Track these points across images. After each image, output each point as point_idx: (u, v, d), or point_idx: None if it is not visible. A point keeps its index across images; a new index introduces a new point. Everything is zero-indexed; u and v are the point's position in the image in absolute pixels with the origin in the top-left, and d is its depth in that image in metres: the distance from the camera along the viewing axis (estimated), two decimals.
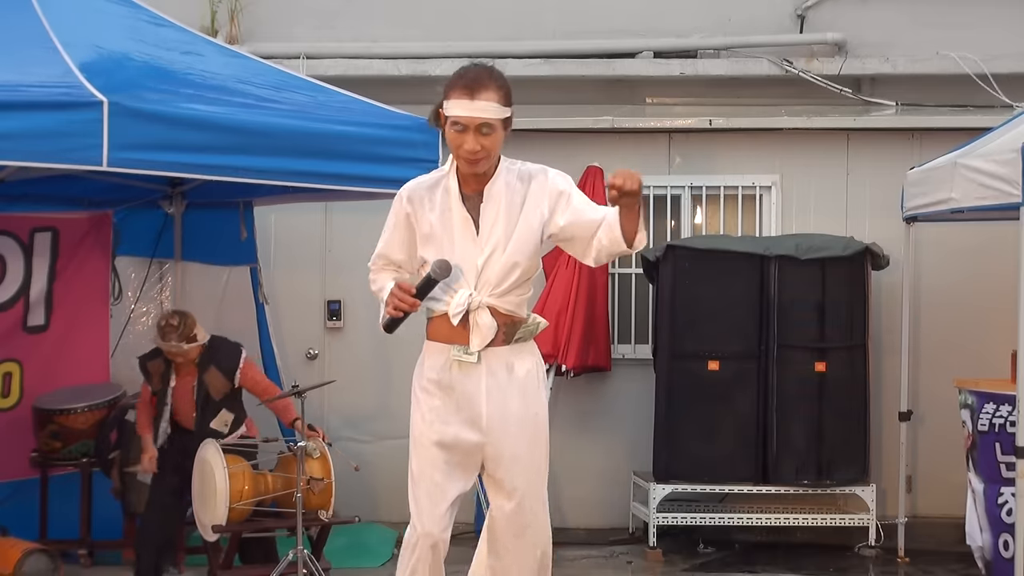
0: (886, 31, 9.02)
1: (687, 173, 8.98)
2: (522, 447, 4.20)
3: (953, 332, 8.73)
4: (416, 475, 4.22)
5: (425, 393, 4.22)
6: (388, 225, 4.32)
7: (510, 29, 9.00)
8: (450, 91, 4.08)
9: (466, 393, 4.15)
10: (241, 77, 6.23)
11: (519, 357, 4.20)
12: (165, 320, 6.80)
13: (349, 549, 7.68)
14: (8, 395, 7.67)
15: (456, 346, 4.14)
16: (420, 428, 4.22)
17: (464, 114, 4.03)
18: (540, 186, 4.18)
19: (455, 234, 4.15)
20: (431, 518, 4.18)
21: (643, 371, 8.59)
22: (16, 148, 5.22)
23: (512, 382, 4.17)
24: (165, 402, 6.82)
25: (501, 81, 4.10)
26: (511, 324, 4.16)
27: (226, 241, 8.11)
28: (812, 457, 7.99)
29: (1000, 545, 6.83)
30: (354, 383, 8.67)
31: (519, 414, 4.18)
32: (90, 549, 7.51)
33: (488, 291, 4.12)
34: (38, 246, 7.74)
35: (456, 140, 4.07)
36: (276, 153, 5.85)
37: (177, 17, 6.76)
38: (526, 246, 4.15)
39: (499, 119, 4.05)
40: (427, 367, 4.23)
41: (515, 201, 4.16)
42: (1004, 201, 6.55)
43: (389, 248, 4.32)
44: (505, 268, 4.13)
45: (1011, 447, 6.67)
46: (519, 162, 4.24)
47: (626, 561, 8.04)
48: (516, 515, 4.25)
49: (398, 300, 4.07)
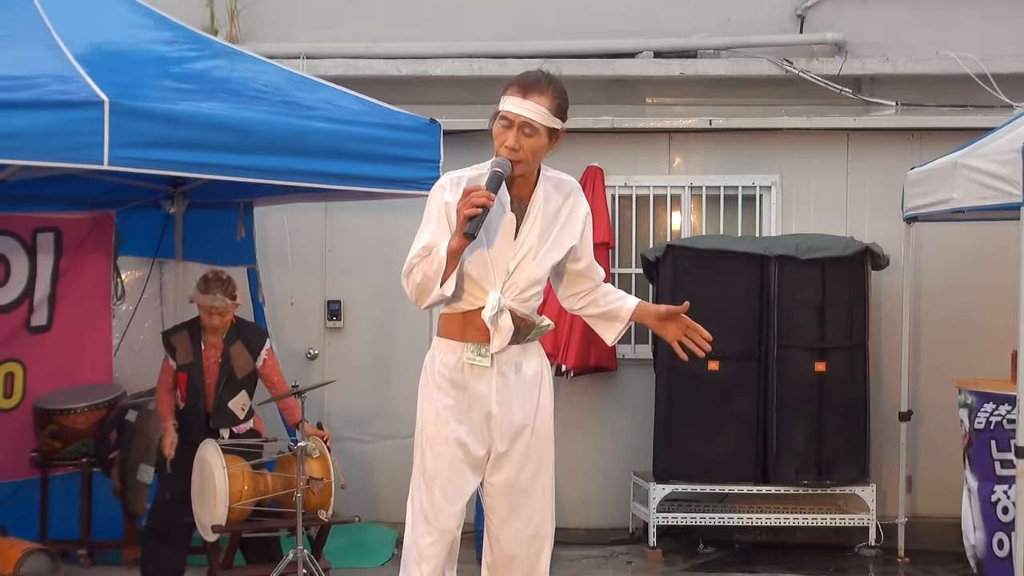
0: (886, 31, 9.03)
1: (687, 173, 8.99)
2: (525, 457, 4.21)
3: (953, 332, 8.74)
4: (431, 473, 4.17)
5: (439, 391, 4.18)
6: (430, 217, 4.14)
7: (510, 29, 9.00)
8: (507, 88, 4.12)
9: (478, 393, 4.15)
10: (243, 76, 6.22)
11: (526, 357, 4.21)
12: (213, 274, 6.77)
13: (349, 549, 7.68)
14: (11, 395, 7.67)
15: (470, 345, 4.14)
16: (436, 426, 4.18)
17: (511, 109, 4.05)
18: (576, 205, 4.25)
19: (494, 232, 4.11)
20: (450, 516, 4.16)
21: (643, 371, 8.60)
22: (17, 147, 5.21)
23: (520, 382, 4.18)
24: (200, 371, 6.75)
25: (558, 92, 4.14)
26: (525, 326, 4.19)
27: (227, 241, 8.10)
28: (812, 457, 8.00)
29: (994, 544, 6.84)
30: (354, 383, 8.67)
31: (523, 421, 4.18)
32: (90, 549, 7.51)
33: (513, 295, 4.14)
34: (41, 246, 7.75)
35: (500, 135, 4.08)
36: (277, 152, 5.84)
37: (177, 17, 6.75)
38: (553, 260, 4.20)
39: (544, 124, 4.07)
40: (439, 364, 4.19)
41: (551, 212, 4.19)
42: (1004, 201, 6.56)
43: (437, 239, 4.07)
44: (533, 276, 4.16)
45: (1006, 444, 6.69)
46: (550, 170, 4.25)
47: (626, 561, 8.05)
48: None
49: (475, 196, 3.90)
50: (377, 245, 8.70)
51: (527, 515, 4.25)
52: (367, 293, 8.89)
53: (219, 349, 6.77)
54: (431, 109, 7.04)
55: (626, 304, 4.35)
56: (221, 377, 6.75)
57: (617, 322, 4.36)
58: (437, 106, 8.04)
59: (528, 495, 4.23)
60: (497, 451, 4.19)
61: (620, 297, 4.38)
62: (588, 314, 4.40)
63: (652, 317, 4.31)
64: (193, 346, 6.77)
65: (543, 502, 4.27)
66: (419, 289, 4.08)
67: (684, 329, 4.27)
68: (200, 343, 6.78)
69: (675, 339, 4.28)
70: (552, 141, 4.14)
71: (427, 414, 4.21)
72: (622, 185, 8.92)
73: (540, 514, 4.26)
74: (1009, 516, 6.72)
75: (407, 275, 4.11)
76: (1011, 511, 6.69)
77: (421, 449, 4.22)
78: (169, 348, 6.84)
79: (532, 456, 4.22)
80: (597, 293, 4.36)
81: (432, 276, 4.02)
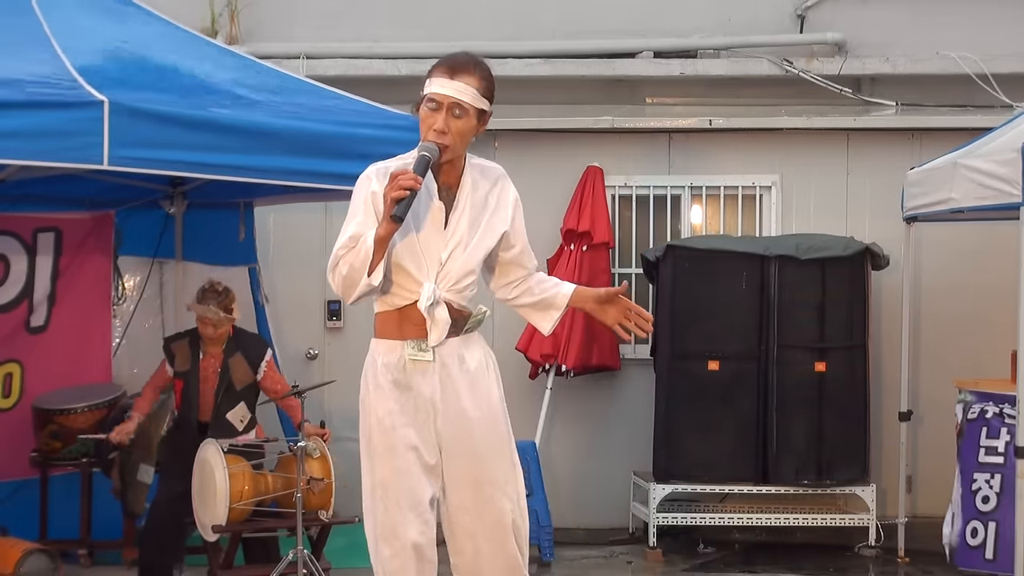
0: (886, 31, 9.03)
1: (687, 173, 8.98)
2: (481, 449, 4.05)
3: (953, 332, 8.74)
4: (383, 484, 3.99)
5: (381, 396, 4.05)
6: (356, 208, 4.02)
7: (510, 29, 9.00)
8: (433, 70, 4.00)
9: (423, 392, 4.00)
10: (241, 78, 6.24)
11: (468, 349, 4.07)
12: (210, 284, 6.77)
13: (349, 549, 7.67)
14: (8, 395, 7.68)
15: (409, 341, 4.01)
16: (381, 434, 4.03)
17: (439, 91, 3.92)
18: (504, 191, 4.13)
19: (423, 222, 3.99)
20: (409, 524, 3.96)
21: (643, 371, 8.59)
22: (17, 147, 5.22)
23: (463, 373, 4.04)
24: (196, 381, 6.74)
25: (485, 73, 3.99)
26: (462, 317, 4.05)
27: (227, 241, 8.11)
28: (812, 457, 8.00)
29: (967, 531, 6.87)
30: (354, 383, 8.48)
31: (473, 413, 4.04)
32: (90, 549, 7.51)
33: (448, 286, 4.00)
34: (41, 246, 7.75)
35: (428, 119, 3.95)
36: (276, 152, 5.85)
37: (177, 17, 6.76)
38: (486, 248, 4.08)
39: (473, 106, 3.94)
40: (380, 366, 4.06)
41: (480, 200, 4.08)
42: (1004, 201, 6.57)
43: (364, 228, 3.92)
44: (466, 267, 4.04)
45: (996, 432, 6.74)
46: (475, 156, 4.14)
47: (626, 561, 8.05)
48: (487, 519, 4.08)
49: (401, 179, 3.78)
50: None
51: (494, 507, 4.05)
52: None
53: (218, 359, 6.77)
54: None
55: (562, 290, 4.19)
56: (220, 387, 6.74)
57: (553, 310, 4.19)
58: None
59: (492, 487, 4.05)
60: (449, 449, 4.03)
61: (555, 284, 4.22)
62: (521, 303, 4.23)
63: (591, 301, 4.15)
64: (192, 354, 6.78)
65: (508, 492, 4.08)
66: (346, 281, 3.92)
67: (624, 312, 4.13)
68: (199, 352, 6.78)
69: (615, 322, 4.13)
70: (480, 124, 4.00)
71: (370, 421, 4.07)
72: (622, 185, 8.92)
73: (507, 504, 4.07)
74: (988, 505, 6.75)
75: (333, 269, 3.95)
76: (991, 500, 6.72)
77: (369, 460, 4.05)
78: (168, 354, 6.86)
79: (488, 448, 4.05)
80: (531, 281, 4.21)
81: (359, 267, 3.87)
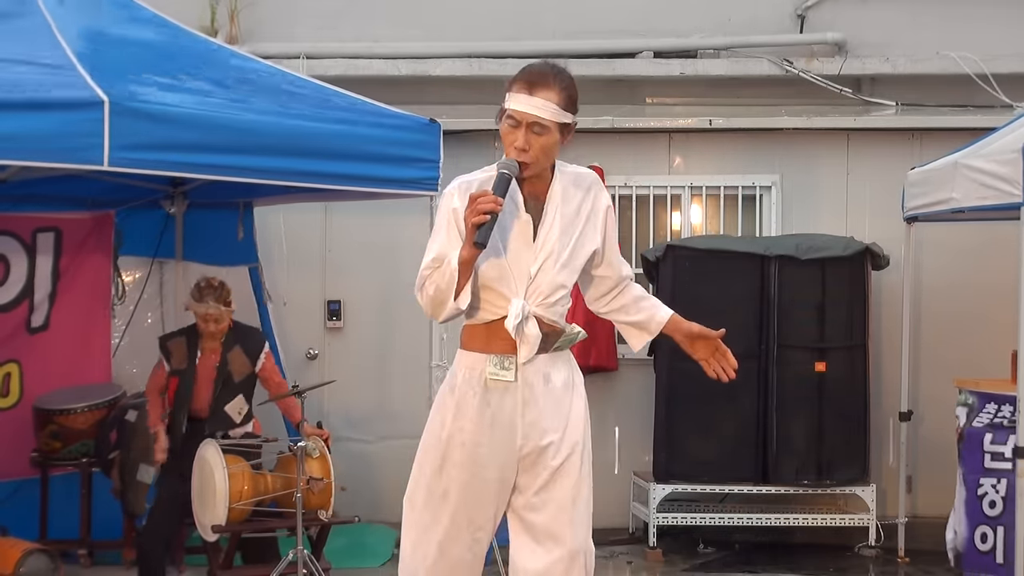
0: (886, 31, 9.03)
1: (687, 173, 8.99)
2: (556, 474, 3.88)
3: (953, 332, 8.74)
4: (444, 495, 3.88)
5: (458, 407, 3.88)
6: (439, 225, 3.88)
7: (510, 29, 9.00)
8: (512, 84, 3.86)
9: (503, 408, 3.86)
10: (242, 77, 6.23)
11: (555, 367, 3.93)
12: (205, 281, 6.78)
13: (349, 549, 7.68)
14: (7, 395, 7.67)
15: (492, 357, 3.87)
16: (450, 448, 3.89)
17: (518, 108, 3.78)
18: (597, 200, 3.99)
19: (510, 236, 3.85)
20: (463, 540, 3.88)
21: (642, 371, 8.59)
22: (17, 148, 5.22)
23: (548, 393, 3.91)
24: (192, 380, 6.76)
25: (566, 83, 3.84)
26: (552, 334, 3.92)
27: (227, 241, 8.10)
28: (812, 457, 8.00)
29: (976, 537, 6.86)
30: (354, 383, 8.67)
31: (553, 435, 3.89)
32: (90, 549, 7.50)
33: (538, 300, 3.86)
34: (41, 246, 7.75)
35: (508, 136, 3.82)
36: (277, 153, 5.85)
37: (177, 17, 6.76)
38: (578, 261, 3.94)
39: (554, 121, 3.79)
40: (461, 379, 3.90)
41: (572, 211, 3.92)
42: (1005, 201, 6.56)
43: (447, 248, 3.80)
44: (557, 280, 3.89)
45: (1003, 438, 6.71)
46: (567, 164, 4.02)
47: (626, 561, 8.04)
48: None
49: (481, 203, 3.66)
50: (377, 245, 8.70)
51: (559, 532, 3.88)
52: (367, 293, 8.88)
53: (217, 354, 6.78)
54: (431, 109, 7.04)
55: (656, 317, 4.08)
56: (218, 381, 6.75)
57: (646, 334, 4.12)
58: (437, 106, 8.04)
59: (566, 509, 3.89)
60: (525, 469, 3.89)
61: (651, 307, 4.10)
62: (616, 320, 4.15)
63: (682, 334, 4.09)
64: (189, 352, 6.78)
65: (583, 515, 3.94)
66: (434, 302, 3.83)
67: (712, 351, 4.13)
68: (196, 350, 6.78)
69: (703, 359, 4.13)
70: (564, 136, 3.86)
71: (440, 431, 3.92)
72: (622, 185, 8.92)
73: (582, 530, 3.92)
74: (995, 510, 6.74)
75: (420, 288, 3.86)
76: (998, 505, 6.71)
77: (430, 466, 3.92)
78: (165, 353, 6.85)
79: (565, 471, 3.90)
80: (627, 298, 4.09)
81: (445, 288, 3.77)
